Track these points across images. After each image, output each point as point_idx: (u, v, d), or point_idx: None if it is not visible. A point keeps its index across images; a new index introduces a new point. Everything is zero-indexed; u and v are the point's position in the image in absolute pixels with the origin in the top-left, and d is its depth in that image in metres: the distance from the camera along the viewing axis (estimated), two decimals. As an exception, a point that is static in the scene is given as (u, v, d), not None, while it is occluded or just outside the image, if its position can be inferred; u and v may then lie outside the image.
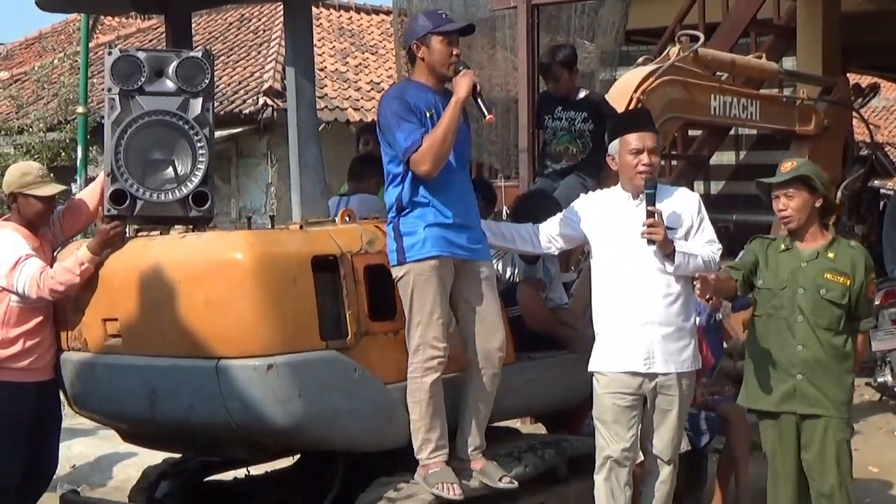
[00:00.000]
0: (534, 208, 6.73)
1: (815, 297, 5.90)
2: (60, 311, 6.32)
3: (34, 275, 6.15)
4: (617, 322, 5.92)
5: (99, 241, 6.05)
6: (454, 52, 5.81)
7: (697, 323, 6.47)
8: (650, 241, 5.79)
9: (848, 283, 5.91)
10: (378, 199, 7.65)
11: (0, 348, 6.34)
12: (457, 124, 5.69)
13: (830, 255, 5.96)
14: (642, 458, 6.06)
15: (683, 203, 6.02)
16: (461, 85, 5.72)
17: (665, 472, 6.03)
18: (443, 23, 5.82)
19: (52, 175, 6.68)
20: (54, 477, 6.93)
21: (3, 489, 6.38)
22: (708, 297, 7.93)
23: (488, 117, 5.82)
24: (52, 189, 6.47)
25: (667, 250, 5.80)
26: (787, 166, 6.07)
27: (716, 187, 15.90)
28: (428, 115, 5.73)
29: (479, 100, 5.80)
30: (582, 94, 7.68)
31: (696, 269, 5.94)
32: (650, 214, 5.79)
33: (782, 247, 6.06)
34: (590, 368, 6.01)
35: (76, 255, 6.12)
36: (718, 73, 9.02)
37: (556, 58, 7.66)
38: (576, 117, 7.50)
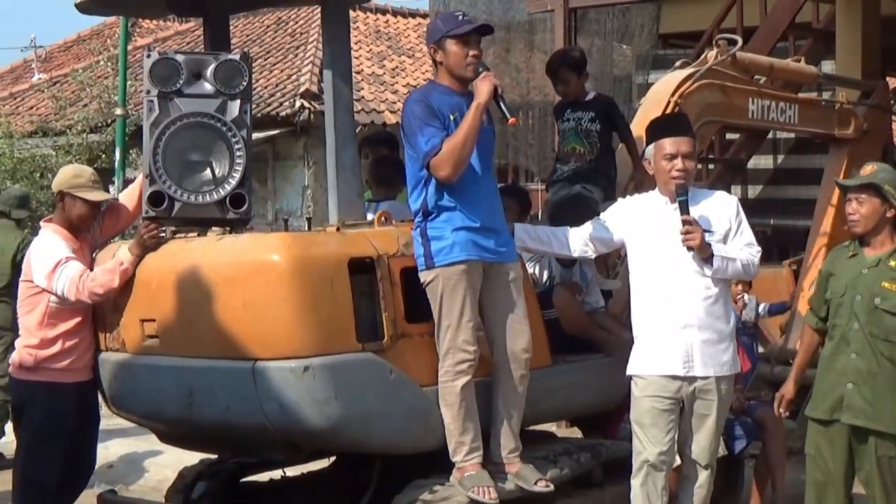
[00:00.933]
0: (571, 212, 6.71)
1: (870, 305, 5.80)
2: (99, 311, 6.35)
3: (74, 278, 6.19)
4: (656, 325, 5.89)
5: (136, 243, 6.11)
6: (471, 54, 5.76)
7: None
8: (689, 248, 5.78)
9: None
10: (405, 206, 7.67)
11: (39, 349, 6.39)
12: (476, 129, 5.66)
13: (893, 262, 5.85)
14: (679, 462, 6.05)
15: (722, 206, 6.00)
16: (481, 89, 5.68)
17: (703, 476, 6.00)
18: (457, 25, 5.77)
19: (101, 184, 6.71)
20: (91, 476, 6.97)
21: (43, 488, 6.42)
22: (737, 298, 7.92)
23: (511, 120, 5.79)
24: (100, 196, 6.50)
25: (705, 254, 5.78)
26: (867, 170, 5.99)
27: (753, 191, 15.78)
28: (452, 118, 5.71)
29: (500, 102, 5.77)
30: (591, 96, 7.59)
31: (734, 272, 5.94)
32: (685, 222, 5.78)
33: (850, 252, 5.98)
34: (628, 371, 5.99)
35: (116, 255, 6.16)
36: (756, 77, 8.98)
37: (564, 62, 7.56)
38: (583, 117, 7.36)
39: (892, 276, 5.81)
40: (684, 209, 5.80)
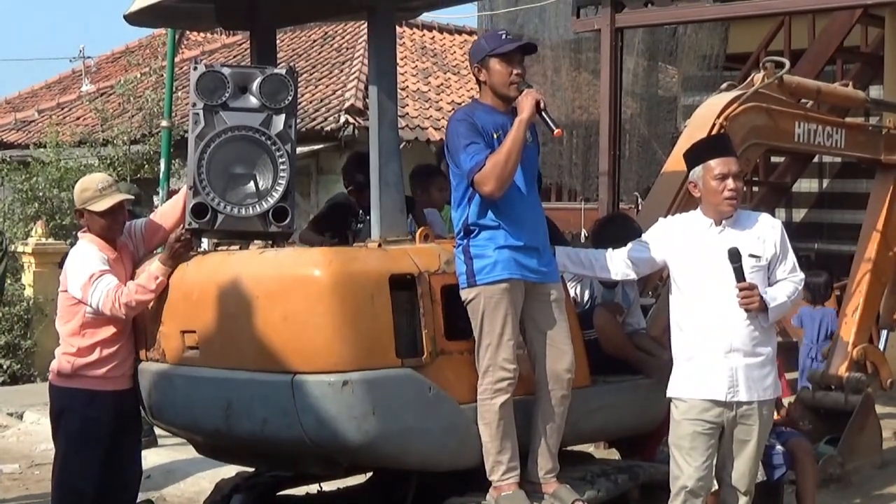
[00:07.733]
0: (614, 233, 6.68)
1: None
2: (139, 321, 6.37)
3: (109, 292, 6.20)
4: (700, 349, 5.84)
5: (168, 254, 6.17)
6: (514, 73, 5.76)
7: None
8: (747, 311, 5.76)
9: None
10: (438, 213, 7.67)
11: (77, 356, 6.41)
12: (520, 145, 5.64)
13: None
14: (716, 487, 5.99)
15: (767, 230, 5.94)
16: (524, 105, 5.67)
17: (741, 502, 5.95)
18: (501, 43, 5.76)
19: (116, 185, 6.64)
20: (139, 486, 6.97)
21: (81, 495, 6.44)
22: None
23: (556, 131, 5.76)
24: (110, 201, 6.41)
25: (761, 310, 5.76)
26: None
27: (798, 215, 15.75)
28: (495, 136, 5.70)
29: (545, 116, 5.75)
30: None
31: (784, 312, 5.91)
32: (742, 289, 5.73)
33: None
34: (669, 394, 5.95)
35: (149, 270, 6.19)
36: (803, 101, 8.93)
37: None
38: None
39: None
40: (740, 276, 5.75)
